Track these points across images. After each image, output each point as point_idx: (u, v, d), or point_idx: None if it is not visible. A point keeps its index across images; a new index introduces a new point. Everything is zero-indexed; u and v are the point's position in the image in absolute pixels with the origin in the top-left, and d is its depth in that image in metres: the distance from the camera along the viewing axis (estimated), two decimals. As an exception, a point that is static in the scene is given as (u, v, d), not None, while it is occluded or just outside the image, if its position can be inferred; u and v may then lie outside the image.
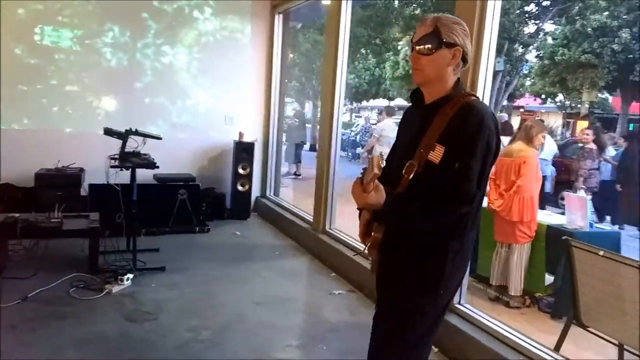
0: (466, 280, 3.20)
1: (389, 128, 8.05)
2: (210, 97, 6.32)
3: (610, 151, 8.07)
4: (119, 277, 3.80)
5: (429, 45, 1.64)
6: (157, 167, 4.21)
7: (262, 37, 6.48)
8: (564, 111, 23.00)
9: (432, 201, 1.58)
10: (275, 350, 3.04)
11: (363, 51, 22.09)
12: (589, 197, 6.76)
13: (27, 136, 5.56)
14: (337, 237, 4.77)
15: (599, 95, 20.37)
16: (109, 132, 4.17)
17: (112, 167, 4.07)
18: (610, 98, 22.26)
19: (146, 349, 2.95)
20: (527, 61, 17.66)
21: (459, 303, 3.25)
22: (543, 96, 21.76)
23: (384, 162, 1.69)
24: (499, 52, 17.40)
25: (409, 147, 1.69)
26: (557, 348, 2.92)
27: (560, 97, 21.13)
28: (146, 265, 4.24)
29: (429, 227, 1.62)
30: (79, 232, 4.08)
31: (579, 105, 21.23)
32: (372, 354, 1.84)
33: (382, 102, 28.65)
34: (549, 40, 17.18)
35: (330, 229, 4.96)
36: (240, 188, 6.20)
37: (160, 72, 6.06)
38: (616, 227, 6.92)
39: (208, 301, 3.74)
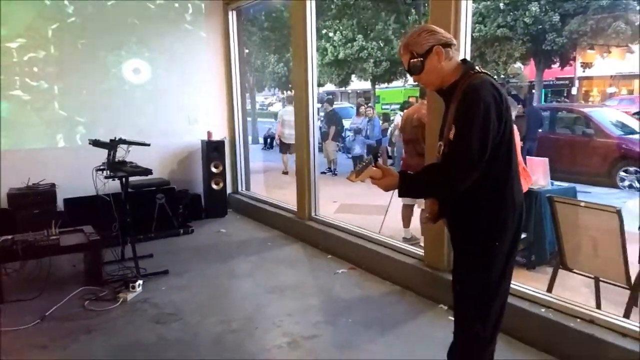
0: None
1: (288, 113, 10.29)
2: (171, 99, 6.29)
3: None
4: (130, 284, 3.85)
5: (416, 67, 1.97)
6: (151, 172, 4.24)
7: (217, 35, 6.53)
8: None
9: (438, 168, 1.94)
10: (308, 329, 3.26)
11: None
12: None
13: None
14: (326, 221, 5.04)
15: (514, 65, 21.84)
16: (96, 143, 4.15)
17: (106, 177, 4.05)
18: (523, 67, 23.93)
19: (186, 347, 3.08)
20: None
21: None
22: (464, 70, 23.01)
23: (368, 165, 1.96)
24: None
25: (441, 130, 2.01)
26: (549, 289, 3.38)
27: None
28: (147, 271, 4.29)
29: (438, 189, 1.95)
30: (81, 246, 4.05)
31: (495, 77, 22.70)
32: (456, 307, 2.10)
33: (312, 89, 28.97)
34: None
35: (316, 215, 5.20)
36: (214, 186, 6.27)
37: (116, 79, 5.97)
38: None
39: (223, 297, 3.89)
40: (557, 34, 17.00)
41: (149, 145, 4.39)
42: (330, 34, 19.57)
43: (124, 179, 4.23)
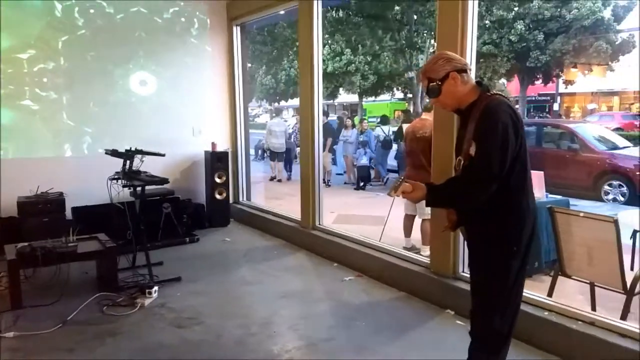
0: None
1: (276, 124, 11.86)
2: (176, 111, 6.44)
3: None
4: (147, 290, 3.96)
5: (434, 91, 2.19)
6: (168, 182, 4.37)
7: (222, 49, 6.71)
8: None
9: (461, 181, 2.16)
10: (322, 333, 3.42)
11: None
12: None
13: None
14: (330, 231, 5.21)
15: (499, 82, 22.43)
16: (113, 153, 4.27)
17: (123, 186, 4.17)
18: (506, 83, 24.59)
19: (211, 348, 3.21)
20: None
21: (462, 271, 3.83)
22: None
23: (402, 182, 2.17)
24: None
25: (459, 146, 2.24)
26: (549, 295, 3.59)
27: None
28: (160, 278, 4.39)
29: (462, 200, 2.16)
30: (98, 253, 4.15)
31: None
32: (475, 306, 2.29)
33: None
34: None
35: (320, 224, 5.37)
36: (218, 196, 6.41)
37: (123, 91, 6.10)
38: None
39: (238, 302, 4.02)
40: (541, 52, 17.59)
41: (164, 155, 4.53)
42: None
43: (138, 188, 4.35)
